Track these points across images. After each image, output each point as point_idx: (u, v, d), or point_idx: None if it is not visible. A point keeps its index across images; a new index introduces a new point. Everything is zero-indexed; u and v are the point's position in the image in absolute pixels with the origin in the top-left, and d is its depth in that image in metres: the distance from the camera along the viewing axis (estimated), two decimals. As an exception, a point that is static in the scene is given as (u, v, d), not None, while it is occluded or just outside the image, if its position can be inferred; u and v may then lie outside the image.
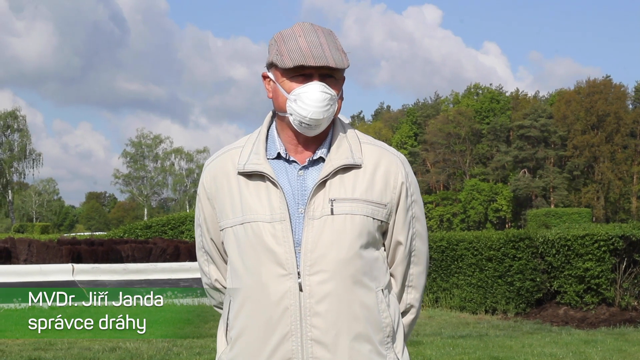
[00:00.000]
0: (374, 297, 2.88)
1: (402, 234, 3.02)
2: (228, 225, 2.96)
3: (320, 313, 2.81)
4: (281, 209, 2.87)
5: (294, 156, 2.98)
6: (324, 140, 3.00)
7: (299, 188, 2.92)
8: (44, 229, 66.63)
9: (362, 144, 3.01)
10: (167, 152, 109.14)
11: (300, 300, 2.82)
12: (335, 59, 2.89)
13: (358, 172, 2.93)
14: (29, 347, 11.33)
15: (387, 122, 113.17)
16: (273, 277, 2.84)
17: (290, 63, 2.86)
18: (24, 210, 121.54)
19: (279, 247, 2.85)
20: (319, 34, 2.93)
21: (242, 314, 2.91)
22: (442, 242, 16.95)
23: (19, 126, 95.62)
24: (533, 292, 15.09)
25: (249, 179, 2.94)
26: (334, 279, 2.83)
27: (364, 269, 2.87)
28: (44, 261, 20.58)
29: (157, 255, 22.28)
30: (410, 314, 3.14)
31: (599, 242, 14.09)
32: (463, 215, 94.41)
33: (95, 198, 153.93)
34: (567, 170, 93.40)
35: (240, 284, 2.92)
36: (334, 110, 2.92)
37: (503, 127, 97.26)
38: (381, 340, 2.90)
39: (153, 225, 30.29)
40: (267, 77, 3.02)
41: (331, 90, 2.90)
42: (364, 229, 2.88)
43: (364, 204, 2.90)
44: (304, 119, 2.87)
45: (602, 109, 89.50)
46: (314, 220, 2.86)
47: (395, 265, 3.06)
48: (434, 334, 12.69)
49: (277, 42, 2.94)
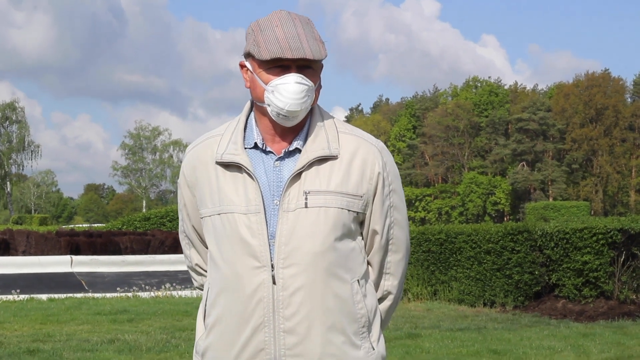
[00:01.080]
0: (348, 289, 2.88)
1: (378, 223, 3.01)
2: (207, 214, 2.97)
3: (293, 305, 2.82)
4: (256, 201, 2.86)
5: (271, 146, 2.96)
6: (301, 130, 2.98)
7: (274, 179, 2.91)
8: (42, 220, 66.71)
9: (340, 134, 2.99)
10: (165, 144, 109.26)
11: (274, 292, 2.82)
12: (312, 51, 2.86)
13: (334, 163, 2.92)
14: (27, 339, 11.33)
15: (385, 114, 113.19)
16: (248, 269, 2.84)
17: (267, 55, 2.83)
18: (22, 201, 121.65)
19: (253, 239, 2.84)
20: (296, 24, 2.89)
21: (218, 303, 2.92)
22: (441, 235, 16.94)
23: (17, 118, 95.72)
24: (531, 285, 15.09)
25: (227, 169, 2.94)
26: (307, 272, 2.83)
27: (338, 261, 2.87)
28: (43, 253, 20.59)
29: (156, 247, 22.28)
30: (388, 300, 3.15)
31: (597, 235, 14.10)
32: (461, 208, 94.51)
33: (94, 190, 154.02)
34: (565, 163, 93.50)
35: (217, 273, 2.94)
36: (311, 101, 2.91)
37: (502, 120, 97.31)
38: (356, 331, 2.91)
39: (151, 217, 30.34)
40: (245, 67, 3.01)
41: (308, 82, 2.87)
42: (339, 221, 2.88)
43: (339, 196, 2.88)
44: (281, 111, 2.86)
45: (601, 102, 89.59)
46: (289, 212, 2.85)
47: (373, 254, 3.06)
48: (433, 327, 12.70)
49: (254, 32, 2.91)
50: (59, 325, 12.78)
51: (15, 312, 14.12)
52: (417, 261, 17.48)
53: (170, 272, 19.98)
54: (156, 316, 13.74)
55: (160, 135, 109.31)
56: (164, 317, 13.71)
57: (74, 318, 13.49)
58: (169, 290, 18.26)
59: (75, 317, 13.56)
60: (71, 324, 12.87)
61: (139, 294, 17.59)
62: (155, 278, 19.44)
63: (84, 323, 12.98)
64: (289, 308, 2.82)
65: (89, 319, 13.43)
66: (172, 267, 20.22)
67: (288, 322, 2.82)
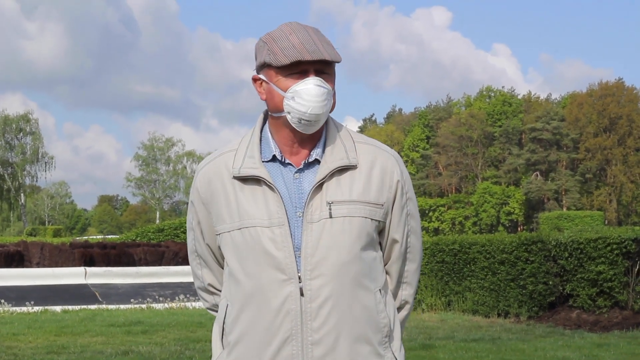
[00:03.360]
0: (372, 298, 2.89)
1: (398, 231, 3.02)
2: (225, 230, 2.94)
3: (321, 316, 2.81)
4: (279, 214, 2.85)
5: (290, 158, 2.96)
6: (318, 141, 2.98)
7: (295, 191, 2.91)
8: (56, 232, 66.84)
9: (356, 144, 2.99)
10: (179, 155, 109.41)
11: (302, 304, 2.81)
12: (329, 53, 2.87)
13: (354, 173, 2.92)
14: (41, 350, 11.36)
15: (399, 125, 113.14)
16: (274, 282, 2.83)
17: (286, 60, 2.83)
18: (36, 213, 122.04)
19: (278, 252, 2.83)
20: (308, 31, 2.90)
21: (242, 318, 2.90)
22: (455, 246, 16.92)
23: (31, 129, 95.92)
24: (545, 295, 15.05)
25: (245, 183, 2.92)
26: (335, 282, 2.82)
27: (363, 271, 2.87)
28: (57, 264, 20.64)
29: (170, 259, 22.31)
30: (405, 310, 3.15)
31: (611, 245, 14.06)
32: (475, 219, 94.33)
33: (108, 201, 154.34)
34: (579, 173, 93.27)
35: (239, 288, 2.91)
36: (330, 105, 2.91)
37: (515, 130, 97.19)
38: (380, 340, 2.90)
39: (165, 228, 30.37)
40: (259, 80, 3.00)
41: (327, 85, 2.88)
42: (363, 230, 2.88)
43: (362, 205, 2.89)
44: (303, 115, 2.85)
45: (615, 112, 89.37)
46: (313, 223, 2.85)
47: (391, 263, 3.06)
48: (447, 338, 12.68)
49: (268, 43, 2.91)
50: (73, 337, 12.80)
51: (30, 324, 14.15)
52: (431, 272, 17.46)
53: (184, 284, 19.98)
54: (170, 328, 13.75)
55: (173, 147, 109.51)
56: (178, 328, 13.72)
57: (88, 330, 13.51)
58: (183, 301, 18.27)
59: (89, 329, 13.59)
60: (85, 336, 12.89)
61: (152, 306, 17.62)
62: (169, 289, 19.46)
63: (98, 335, 13.00)
64: (317, 320, 2.81)
65: (103, 330, 13.45)
66: (186, 279, 20.23)
67: (316, 334, 2.81)
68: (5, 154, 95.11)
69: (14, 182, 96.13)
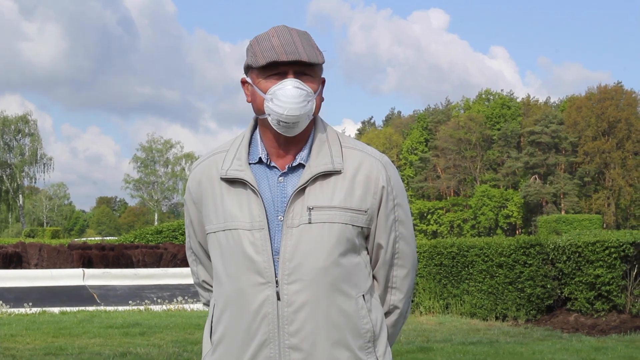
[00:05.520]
0: (353, 304, 2.88)
1: (383, 237, 3.00)
2: (212, 230, 2.98)
3: (298, 321, 2.82)
4: (260, 217, 2.86)
5: (275, 161, 2.97)
6: (304, 144, 2.99)
7: (279, 195, 2.91)
8: (54, 233, 66.74)
9: (344, 148, 2.99)
10: (177, 157, 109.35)
11: (278, 308, 2.82)
12: (308, 54, 2.86)
13: (338, 178, 2.91)
14: (39, 352, 11.35)
15: (397, 127, 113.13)
16: (252, 285, 2.85)
17: (263, 60, 2.85)
18: (34, 214, 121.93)
19: (257, 255, 2.85)
20: (292, 34, 2.91)
21: (223, 319, 2.93)
22: (453, 249, 16.93)
23: (30, 130, 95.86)
24: (544, 298, 15.06)
25: (231, 185, 2.94)
26: (312, 288, 2.82)
27: (342, 277, 2.87)
28: (55, 266, 20.63)
29: (168, 261, 22.31)
30: (394, 314, 3.13)
31: (609, 248, 14.07)
32: (474, 222, 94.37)
33: (106, 203, 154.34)
34: (577, 176, 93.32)
35: (222, 289, 2.95)
36: (311, 107, 2.90)
37: (514, 133, 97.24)
38: (361, 346, 2.90)
39: (164, 230, 30.33)
40: (246, 82, 3.03)
41: (306, 87, 2.87)
42: (343, 236, 2.87)
43: (343, 212, 2.88)
44: (281, 117, 2.85)
45: (613, 115, 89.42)
46: (292, 228, 2.85)
47: (378, 268, 3.05)
48: (445, 341, 12.68)
49: (252, 45, 2.94)
50: (71, 338, 12.80)
51: (28, 325, 14.15)
52: (429, 274, 17.47)
53: (182, 286, 19.99)
54: (168, 329, 13.75)
55: (172, 148, 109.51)
56: (176, 330, 13.72)
57: (86, 331, 13.51)
58: (181, 303, 18.28)
59: (87, 331, 13.58)
60: (83, 337, 12.88)
61: (150, 307, 17.62)
62: (167, 291, 19.46)
63: (95, 336, 13.00)
64: (293, 324, 2.82)
65: (101, 332, 13.44)
66: (184, 281, 20.23)
67: (293, 338, 2.82)
68: (3, 155, 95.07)
69: (13, 183, 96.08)
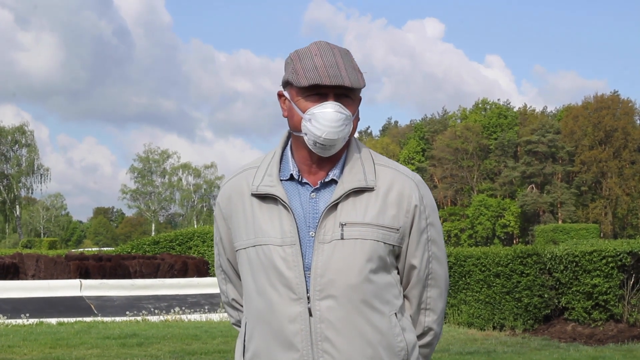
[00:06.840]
0: (387, 321, 2.86)
1: (415, 257, 2.97)
2: (241, 246, 2.96)
3: (331, 338, 2.79)
4: (291, 233, 2.84)
5: (307, 177, 2.96)
6: (337, 161, 2.97)
7: (310, 211, 2.90)
8: (51, 244, 66.72)
9: (377, 166, 2.99)
10: (174, 167, 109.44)
11: (311, 325, 2.80)
12: (351, 79, 2.85)
13: (370, 195, 2.89)
14: (37, 363, 11.34)
15: (394, 137, 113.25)
16: (284, 301, 2.82)
17: (306, 82, 2.82)
18: (31, 225, 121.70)
19: (289, 271, 2.82)
20: (335, 53, 2.88)
21: (255, 336, 2.91)
22: (450, 258, 16.92)
23: (26, 141, 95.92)
24: (541, 308, 15.07)
25: (262, 201, 2.93)
26: (343, 304, 2.80)
27: (374, 293, 2.84)
28: (52, 277, 20.61)
29: (165, 271, 22.28)
30: (429, 336, 3.09)
31: (606, 258, 14.08)
32: (471, 231, 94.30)
33: (103, 213, 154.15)
34: (574, 185, 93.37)
35: (252, 306, 2.93)
36: (348, 130, 2.89)
37: (511, 143, 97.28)
38: None
39: (161, 240, 30.27)
40: (283, 96, 3.00)
41: (346, 111, 2.86)
42: (374, 253, 2.85)
43: (375, 229, 2.86)
44: (318, 139, 2.84)
45: (610, 125, 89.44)
46: (324, 244, 2.83)
47: (410, 288, 3.02)
48: (442, 351, 12.68)
49: (293, 61, 2.91)
50: (68, 349, 12.78)
51: (25, 336, 14.12)
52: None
53: (180, 296, 19.97)
54: (165, 340, 13.73)
55: (169, 159, 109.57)
56: (173, 341, 13.70)
57: (83, 342, 13.49)
58: (179, 314, 18.25)
59: (84, 341, 13.56)
60: (80, 348, 12.86)
61: (148, 318, 17.59)
62: (165, 302, 19.44)
63: (93, 347, 12.98)
64: (327, 341, 2.80)
65: (98, 343, 13.42)
66: (182, 291, 20.21)
67: (327, 355, 2.80)
68: (0, 165, 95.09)
69: (10, 194, 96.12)
